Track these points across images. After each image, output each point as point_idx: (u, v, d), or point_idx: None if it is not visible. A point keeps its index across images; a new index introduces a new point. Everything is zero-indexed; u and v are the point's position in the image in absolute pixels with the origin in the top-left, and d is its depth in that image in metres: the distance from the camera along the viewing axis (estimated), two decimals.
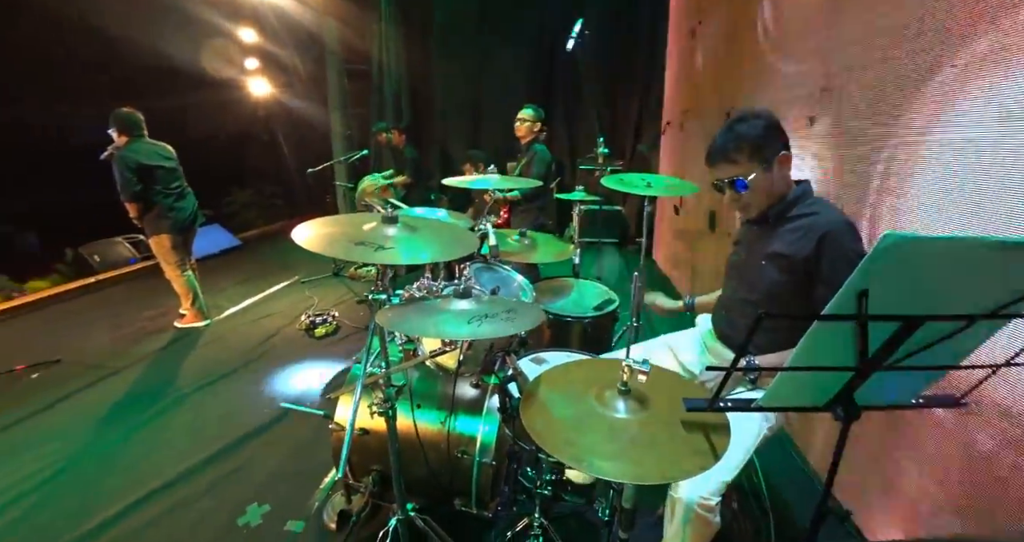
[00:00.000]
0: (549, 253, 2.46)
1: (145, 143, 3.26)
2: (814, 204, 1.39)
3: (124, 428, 2.51)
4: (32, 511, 1.99)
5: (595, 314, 2.23)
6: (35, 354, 3.16)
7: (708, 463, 0.82)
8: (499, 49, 5.91)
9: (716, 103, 3.45)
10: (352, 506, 1.86)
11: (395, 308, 1.15)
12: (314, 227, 1.23)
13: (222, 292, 4.31)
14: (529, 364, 1.67)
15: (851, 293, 0.65)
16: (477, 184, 2.35)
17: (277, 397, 2.70)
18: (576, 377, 1.11)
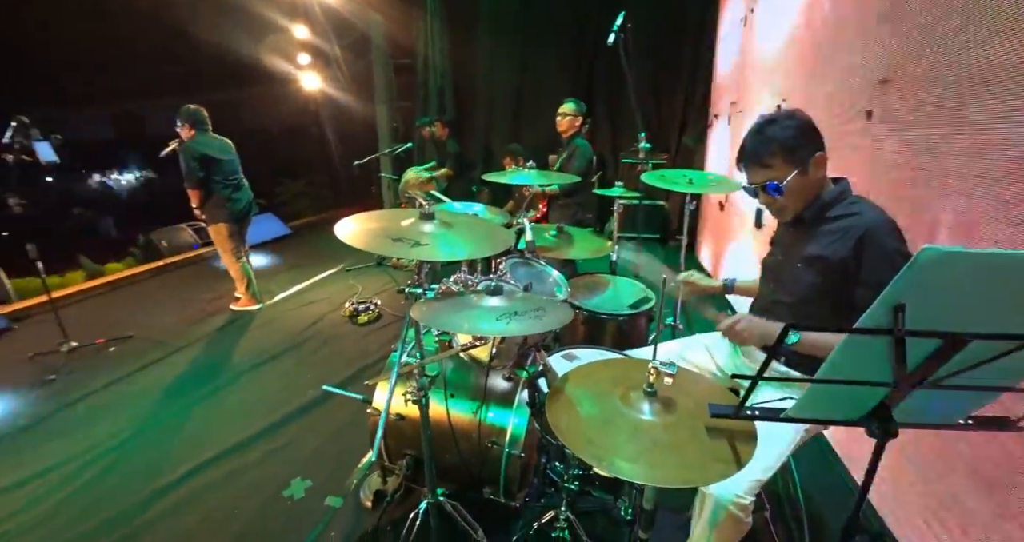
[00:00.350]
0: (586, 249, 2.45)
1: (208, 136, 3.50)
2: (854, 204, 1.33)
3: (186, 401, 2.72)
4: (109, 470, 2.21)
5: (630, 312, 2.21)
6: (112, 329, 3.48)
7: (730, 471, 0.81)
8: (542, 42, 5.87)
9: (767, 95, 3.30)
10: (387, 487, 1.95)
11: (429, 302, 1.19)
12: (356, 222, 1.29)
13: (273, 278, 4.55)
14: (560, 360, 1.68)
15: (886, 306, 0.62)
16: (516, 179, 2.37)
17: (320, 380, 2.84)
18: (604, 376, 1.12)
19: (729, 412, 0.84)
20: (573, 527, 1.68)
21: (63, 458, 2.27)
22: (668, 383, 0.95)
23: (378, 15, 6.09)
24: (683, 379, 1.11)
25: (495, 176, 2.30)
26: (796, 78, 2.86)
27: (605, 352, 1.76)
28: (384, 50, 6.31)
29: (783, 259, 1.48)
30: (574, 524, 1.68)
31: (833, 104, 2.30)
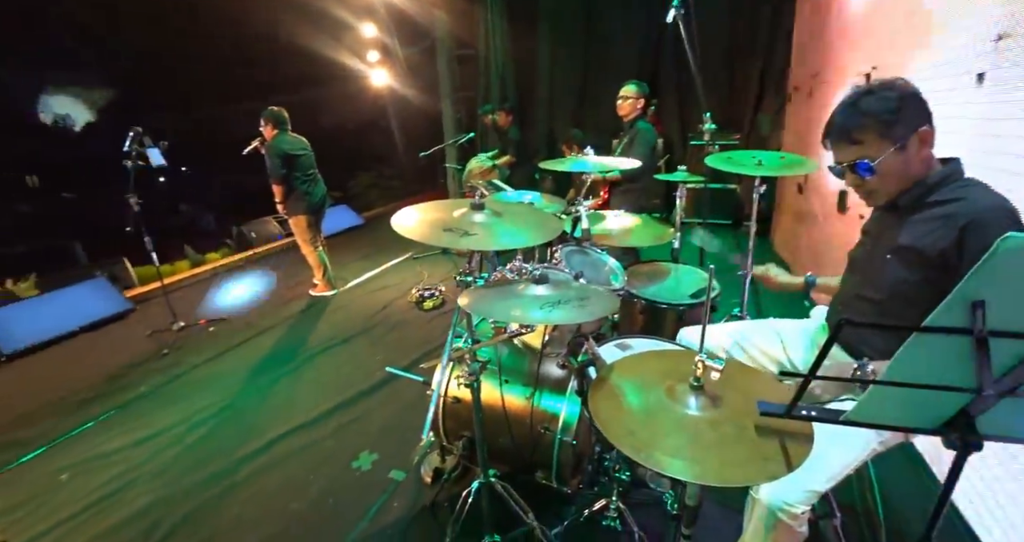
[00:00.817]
0: (646, 236, 2.38)
1: (289, 135, 3.79)
2: (962, 188, 1.15)
3: (271, 376, 3.02)
4: (210, 434, 2.52)
5: (691, 301, 2.13)
6: (212, 312, 3.92)
7: (777, 473, 0.77)
8: (606, 23, 5.68)
9: (854, 64, 2.97)
10: (445, 465, 2.05)
11: (477, 290, 1.23)
12: (412, 213, 1.35)
13: (347, 266, 4.86)
14: (613, 349, 1.67)
15: (963, 303, 0.56)
16: (573, 167, 2.33)
17: (388, 362, 3.02)
18: (652, 367, 1.10)
19: (779, 411, 0.80)
20: (623, 517, 1.68)
21: (175, 421, 2.62)
22: (715, 378, 0.91)
23: (440, 11, 6.20)
24: (737, 373, 1.06)
25: (551, 164, 2.28)
26: (887, 41, 2.55)
27: (659, 342, 1.71)
28: (446, 43, 6.42)
29: (871, 249, 1.33)
30: (624, 514, 1.68)
31: (933, 67, 2.03)
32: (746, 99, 5.37)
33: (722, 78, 5.54)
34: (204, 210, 7.14)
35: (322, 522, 1.93)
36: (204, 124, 8.07)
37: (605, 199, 3.94)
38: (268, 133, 3.75)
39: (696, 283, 2.29)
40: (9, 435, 2.60)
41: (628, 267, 2.46)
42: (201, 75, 7.00)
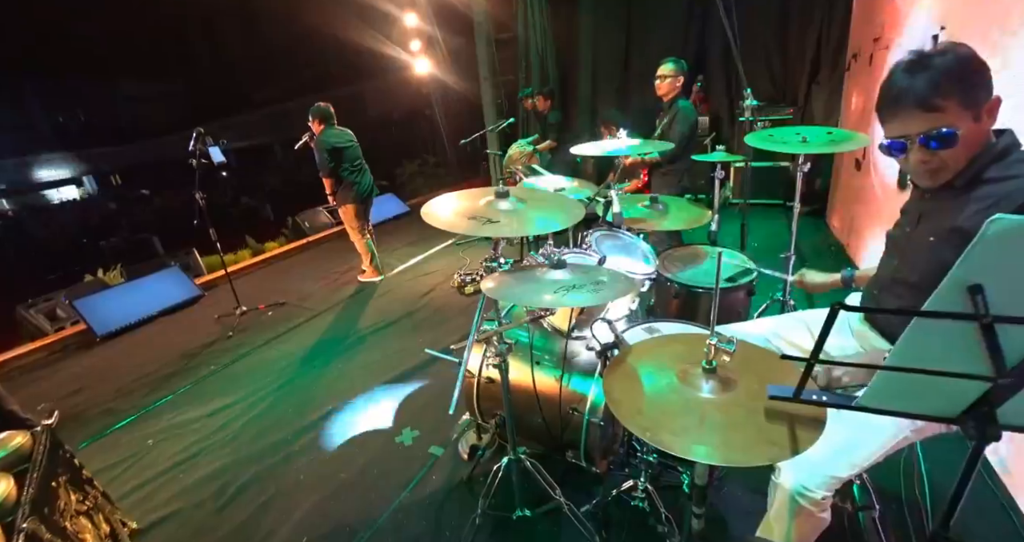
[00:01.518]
0: (681, 219, 2.33)
1: (336, 129, 3.97)
2: (1019, 162, 1.05)
3: (325, 356, 3.24)
4: (270, 408, 2.76)
5: (725, 285, 2.08)
6: (270, 297, 4.22)
7: (782, 456, 0.78)
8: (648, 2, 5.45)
9: (920, 26, 2.72)
10: (481, 442, 2.15)
11: (500, 275, 1.28)
12: (442, 203, 1.42)
13: (393, 252, 5.06)
14: (641, 332, 1.68)
15: (956, 287, 0.55)
16: (607, 151, 2.31)
17: (430, 344, 3.16)
18: (669, 350, 1.11)
19: (788, 394, 0.80)
20: (651, 498, 1.71)
21: (241, 396, 2.88)
22: (726, 361, 0.92)
23: None
24: (757, 358, 1.06)
25: (583, 148, 2.28)
26: None
27: (688, 326, 1.71)
28: (485, 27, 6.40)
29: (912, 231, 1.25)
30: (652, 495, 1.70)
31: (1008, 25, 1.83)
32: (800, 70, 5.04)
33: (774, 48, 5.22)
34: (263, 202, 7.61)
35: (367, 490, 2.09)
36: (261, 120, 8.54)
37: (645, 181, 3.87)
38: (316, 128, 3.95)
39: (733, 267, 2.23)
40: (106, 406, 2.96)
41: (665, 251, 2.43)
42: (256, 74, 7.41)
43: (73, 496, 1.50)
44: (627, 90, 5.97)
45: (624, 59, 5.91)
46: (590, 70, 6.12)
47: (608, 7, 5.74)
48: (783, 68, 5.26)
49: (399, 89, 7.97)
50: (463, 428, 2.33)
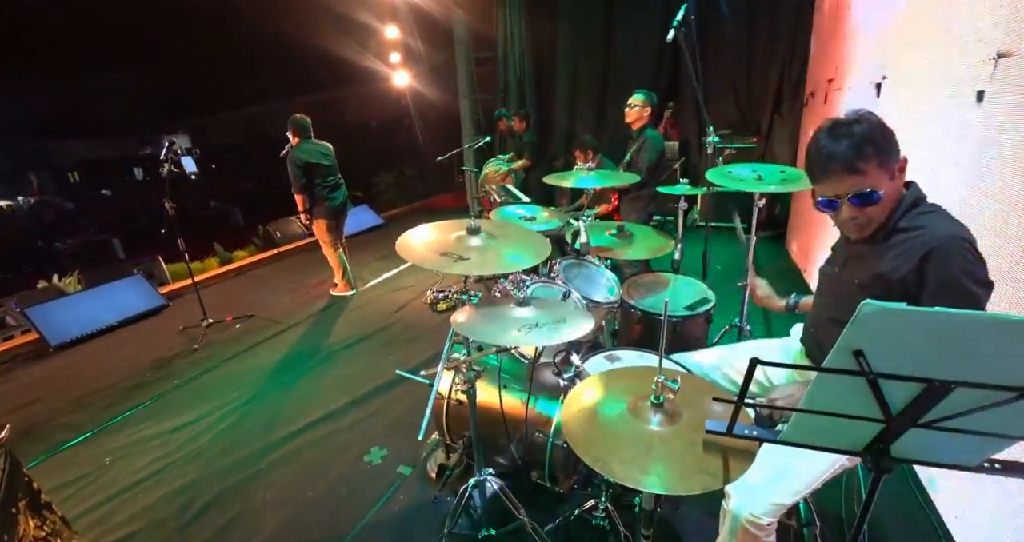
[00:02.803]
0: (646, 248, 2.46)
1: (311, 143, 3.96)
2: (923, 215, 1.20)
3: (294, 372, 3.23)
4: (237, 424, 2.73)
5: (685, 314, 2.21)
6: (239, 308, 4.17)
7: (713, 485, 0.88)
8: (625, 27, 5.70)
9: (865, 71, 2.97)
10: (450, 462, 2.20)
11: (469, 309, 1.36)
12: (415, 234, 1.49)
13: (366, 266, 5.07)
14: (602, 361, 1.77)
15: (845, 350, 0.66)
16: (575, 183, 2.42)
17: (402, 362, 3.19)
18: (623, 383, 1.21)
19: (723, 430, 0.90)
20: (611, 517, 1.79)
21: (206, 411, 2.84)
22: (671, 397, 1.02)
23: (459, 9, 6.32)
24: (699, 391, 1.17)
25: (553, 179, 2.39)
26: (898, 52, 2.55)
27: (647, 354, 1.82)
28: (466, 44, 6.54)
29: (840, 272, 1.39)
30: (612, 515, 1.79)
31: (939, 83, 2.05)
32: (764, 101, 5.35)
33: (740, 79, 5.53)
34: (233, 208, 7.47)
35: (335, 509, 2.10)
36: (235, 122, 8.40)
37: (615, 206, 4.03)
38: (293, 140, 3.94)
39: (693, 294, 2.37)
40: (60, 420, 2.87)
41: (630, 278, 2.55)
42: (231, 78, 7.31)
43: (32, 522, 1.48)
44: (603, 115, 6.18)
45: (602, 84, 6.12)
46: (567, 94, 6.31)
47: (587, 32, 5.95)
48: (749, 98, 5.57)
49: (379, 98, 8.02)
50: (432, 448, 2.37)
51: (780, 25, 5.00)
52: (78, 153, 10.17)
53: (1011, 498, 1.46)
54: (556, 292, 1.87)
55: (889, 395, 0.71)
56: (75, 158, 9.63)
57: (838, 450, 0.87)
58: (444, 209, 7.10)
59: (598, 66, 6.04)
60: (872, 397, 0.72)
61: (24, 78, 7.56)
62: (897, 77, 2.56)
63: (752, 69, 5.42)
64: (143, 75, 7.34)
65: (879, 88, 2.77)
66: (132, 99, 7.92)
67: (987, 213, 1.63)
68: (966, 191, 1.77)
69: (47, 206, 9.05)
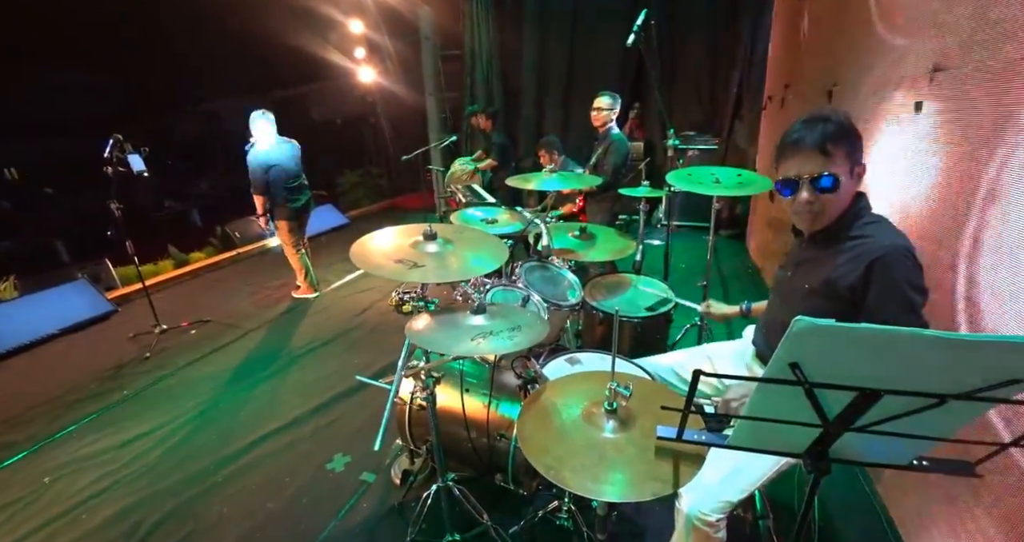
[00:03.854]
0: (607, 250, 2.49)
1: (275, 143, 3.78)
2: (869, 225, 1.26)
3: (253, 379, 3.11)
4: (192, 435, 2.62)
5: (645, 315, 2.25)
6: (195, 313, 3.99)
7: (663, 491, 0.90)
8: (592, 27, 5.75)
9: (818, 78, 3.09)
10: (414, 467, 2.17)
11: (424, 316, 1.34)
12: (371, 241, 1.46)
13: (330, 267, 4.94)
14: (563, 364, 1.78)
15: (782, 362, 0.68)
16: (539, 185, 2.43)
17: (365, 366, 3.13)
18: (580, 389, 1.22)
19: (673, 436, 0.92)
20: (575, 518, 1.81)
21: (158, 423, 2.71)
22: (623, 404, 1.03)
23: (426, 6, 6.23)
24: (654, 396, 1.18)
25: (516, 181, 2.38)
26: (847, 62, 2.66)
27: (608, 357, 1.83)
28: (433, 41, 6.46)
29: (792, 277, 1.44)
30: (576, 515, 1.81)
31: (882, 93, 2.14)
32: (725, 104, 5.49)
33: (704, 81, 5.66)
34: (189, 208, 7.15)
35: (296, 521, 2.04)
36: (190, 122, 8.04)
37: (581, 206, 4.06)
38: (255, 139, 3.77)
39: (653, 296, 2.41)
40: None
41: (593, 279, 2.58)
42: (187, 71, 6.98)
43: None
44: (569, 115, 6.22)
45: (567, 84, 6.16)
46: (534, 93, 6.32)
47: (553, 32, 5.97)
48: (711, 101, 5.71)
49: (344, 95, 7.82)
50: (396, 453, 2.34)
51: (742, 29, 5.14)
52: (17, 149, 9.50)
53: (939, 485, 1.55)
54: (517, 295, 1.86)
55: (825, 402, 0.74)
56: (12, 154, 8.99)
57: (781, 452, 0.89)
58: (411, 209, 6.99)
59: (564, 66, 6.08)
60: (809, 405, 0.74)
61: None
62: (846, 85, 2.67)
63: (715, 71, 5.56)
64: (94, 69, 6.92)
65: (830, 95, 2.89)
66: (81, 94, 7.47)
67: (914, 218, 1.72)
68: (898, 196, 1.87)
69: None
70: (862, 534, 1.91)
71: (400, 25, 6.61)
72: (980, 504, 1.33)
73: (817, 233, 1.34)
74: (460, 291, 2.02)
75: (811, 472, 0.86)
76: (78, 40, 6.44)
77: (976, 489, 1.35)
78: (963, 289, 1.45)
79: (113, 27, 6.42)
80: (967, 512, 1.39)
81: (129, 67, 6.88)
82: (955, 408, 0.70)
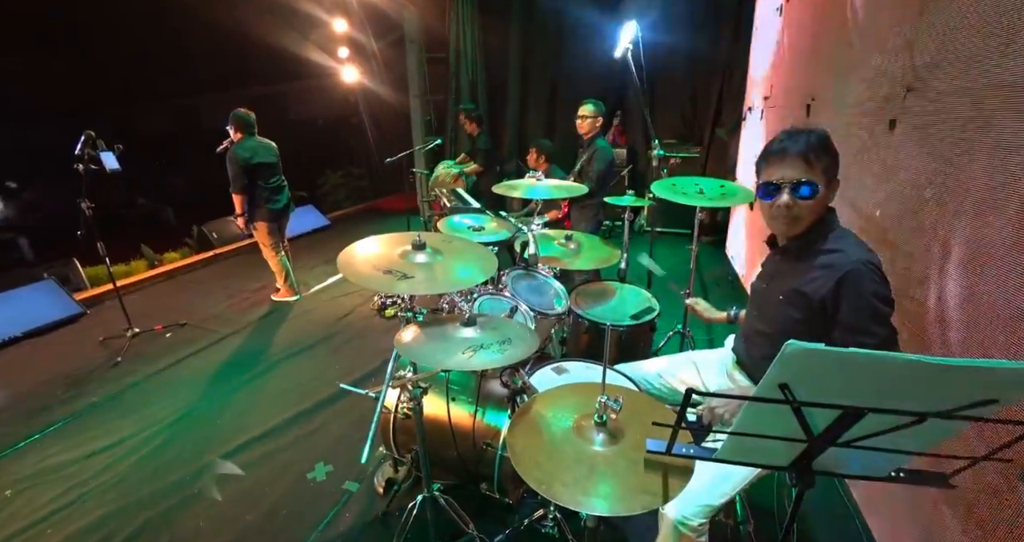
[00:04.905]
0: (592, 259, 2.51)
1: (255, 141, 3.72)
2: (839, 239, 1.32)
3: (230, 385, 3.03)
4: (166, 444, 2.53)
5: (630, 323, 2.27)
6: (169, 316, 3.87)
7: (653, 504, 0.91)
8: (577, 33, 5.80)
9: (797, 92, 3.18)
10: (398, 476, 2.14)
11: (414, 327, 1.32)
12: (357, 249, 1.44)
13: (311, 270, 4.86)
14: (550, 373, 1.79)
15: (772, 383, 0.70)
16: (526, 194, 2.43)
17: (347, 371, 3.08)
18: (568, 401, 1.22)
19: (662, 449, 0.93)
20: (560, 526, 1.81)
21: (130, 432, 2.62)
22: (613, 417, 1.04)
23: (411, 7, 6.19)
24: (643, 408, 1.20)
25: (504, 188, 2.38)
26: (824, 77, 2.74)
27: (595, 365, 1.85)
28: (418, 43, 6.42)
29: (767, 287, 1.49)
30: (561, 523, 1.81)
31: (857, 109, 2.22)
32: (706, 114, 5.60)
33: (685, 91, 5.76)
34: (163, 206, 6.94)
35: (276, 534, 2.00)
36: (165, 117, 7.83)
37: (565, 212, 4.08)
38: (234, 136, 3.69)
39: (639, 303, 2.44)
40: None
41: (578, 286, 2.60)
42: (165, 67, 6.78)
43: None
44: (553, 121, 6.25)
45: (551, 90, 6.19)
46: (518, 98, 6.34)
47: (538, 37, 5.99)
48: (693, 110, 5.81)
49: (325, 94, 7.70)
50: (379, 461, 2.31)
51: (721, 42, 5.25)
52: None
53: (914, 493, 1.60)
54: (505, 305, 1.86)
55: (811, 419, 0.76)
56: None
57: (767, 466, 0.91)
58: (393, 211, 6.93)
59: (548, 71, 6.11)
60: (796, 422, 0.77)
61: None
62: (823, 99, 2.75)
63: (696, 80, 5.66)
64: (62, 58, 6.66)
65: (808, 109, 2.98)
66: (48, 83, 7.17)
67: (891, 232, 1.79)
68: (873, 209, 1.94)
69: None
70: (839, 540, 1.96)
71: (385, 25, 6.56)
72: (955, 513, 1.39)
73: (790, 243, 1.40)
74: (447, 299, 2.01)
75: (795, 485, 0.88)
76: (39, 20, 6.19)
77: (950, 498, 1.40)
78: (934, 300, 1.51)
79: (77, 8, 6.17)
80: (940, 521, 1.44)
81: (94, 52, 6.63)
82: (935, 425, 0.73)
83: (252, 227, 3.86)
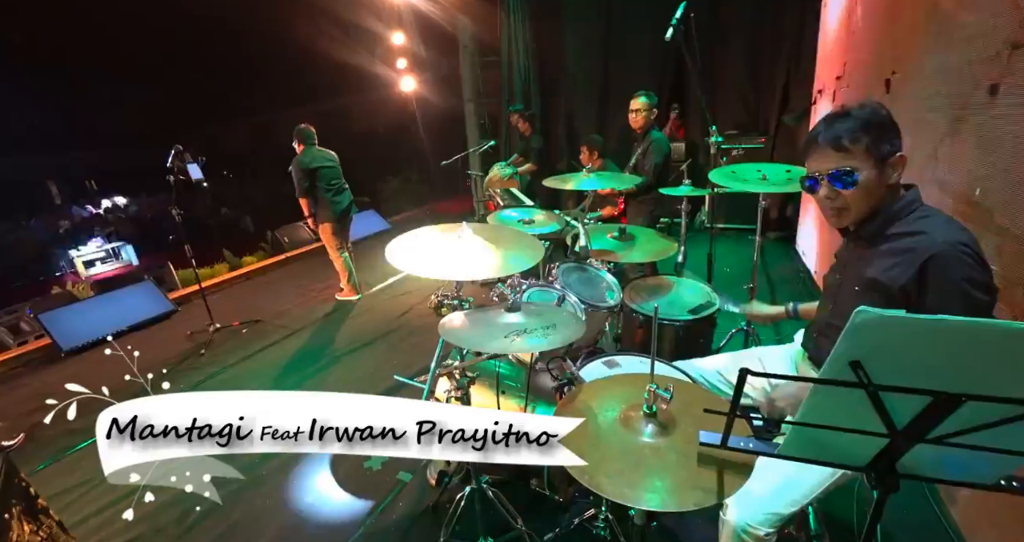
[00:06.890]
0: (647, 251, 2.42)
1: (314, 150, 4.01)
2: (921, 220, 1.16)
3: (297, 377, 3.22)
4: None
5: (689, 318, 2.16)
6: (246, 313, 4.18)
7: (706, 501, 0.84)
8: (628, 27, 5.66)
9: (875, 68, 2.90)
10: (449, 468, 2.16)
11: (458, 316, 1.33)
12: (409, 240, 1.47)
13: (372, 271, 5.06)
14: (600, 366, 1.73)
15: (842, 361, 0.62)
16: (577, 185, 2.38)
17: (405, 367, 3.17)
18: (617, 392, 1.17)
19: (717, 442, 0.86)
20: (612, 527, 1.74)
21: None
22: (664, 408, 0.98)
23: (464, 16, 6.34)
24: (695, 399, 1.12)
25: (554, 181, 2.35)
26: (907, 46, 2.47)
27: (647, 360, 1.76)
28: (471, 49, 6.56)
29: (841, 278, 1.35)
30: (613, 524, 1.74)
31: (949, 78, 1.97)
32: (771, 101, 5.25)
33: (746, 79, 5.43)
34: (243, 214, 7.56)
35: (333, 516, 2.08)
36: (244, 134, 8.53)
37: (621, 209, 3.97)
38: (298, 148, 3.98)
39: (697, 298, 2.31)
40: (66, 425, 2.88)
41: (632, 281, 2.50)
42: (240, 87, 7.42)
43: (27, 527, 1.48)
44: (606, 117, 6.13)
45: (605, 86, 6.08)
46: (570, 94, 6.28)
47: (589, 35, 5.92)
48: (755, 98, 5.47)
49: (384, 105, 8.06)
50: None
51: (786, 23, 4.91)
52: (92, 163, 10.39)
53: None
54: (553, 296, 1.83)
55: (893, 408, 0.66)
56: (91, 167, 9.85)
57: (840, 465, 0.82)
58: (450, 213, 7.09)
59: (601, 68, 6.00)
60: (873, 411, 0.67)
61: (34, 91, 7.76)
62: (906, 72, 2.48)
63: (759, 66, 5.33)
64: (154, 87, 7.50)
65: (888, 84, 2.70)
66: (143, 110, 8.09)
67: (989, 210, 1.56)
68: (968, 189, 1.71)
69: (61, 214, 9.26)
70: None
71: (439, 34, 6.75)
72: None
73: (860, 230, 1.26)
74: (496, 292, 2.00)
75: (875, 489, 0.77)
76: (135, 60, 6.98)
77: None
78: None
79: (166, 47, 6.91)
80: None
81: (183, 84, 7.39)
82: None
83: (319, 228, 4.10)
